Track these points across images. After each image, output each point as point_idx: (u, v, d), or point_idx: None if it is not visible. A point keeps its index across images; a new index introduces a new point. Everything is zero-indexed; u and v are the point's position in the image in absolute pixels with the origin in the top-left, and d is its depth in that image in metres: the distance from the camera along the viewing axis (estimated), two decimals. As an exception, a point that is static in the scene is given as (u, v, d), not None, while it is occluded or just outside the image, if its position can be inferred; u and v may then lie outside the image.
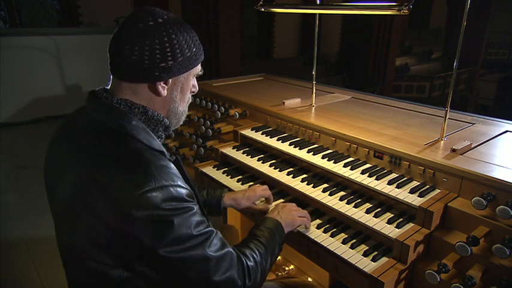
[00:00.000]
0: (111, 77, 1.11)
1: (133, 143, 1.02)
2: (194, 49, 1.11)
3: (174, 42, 1.05)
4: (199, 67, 1.18)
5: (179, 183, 1.00)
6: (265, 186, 1.64)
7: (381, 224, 1.40)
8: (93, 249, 0.97)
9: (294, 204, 1.51)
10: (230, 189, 1.75)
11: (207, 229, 1.04)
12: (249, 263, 1.13)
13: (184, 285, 1.04)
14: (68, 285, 1.16)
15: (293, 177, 1.75)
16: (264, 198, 1.65)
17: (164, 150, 1.10)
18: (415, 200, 1.41)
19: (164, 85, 1.09)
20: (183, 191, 1.00)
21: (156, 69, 1.04)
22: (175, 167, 1.07)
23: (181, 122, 1.25)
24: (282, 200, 1.70)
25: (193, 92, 1.23)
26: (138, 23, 1.04)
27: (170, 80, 1.09)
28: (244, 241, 1.26)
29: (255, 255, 1.17)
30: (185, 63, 1.09)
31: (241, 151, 2.04)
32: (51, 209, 1.13)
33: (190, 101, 1.24)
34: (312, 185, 1.67)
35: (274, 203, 1.63)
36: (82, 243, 0.99)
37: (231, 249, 1.10)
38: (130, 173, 0.95)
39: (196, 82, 1.23)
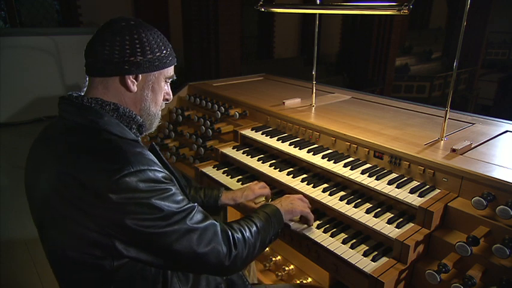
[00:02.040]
0: (86, 79, 1.16)
1: (106, 135, 1.06)
2: (164, 51, 1.16)
3: (144, 40, 1.11)
4: (171, 70, 1.21)
5: (156, 168, 1.03)
6: (263, 183, 1.65)
7: (381, 224, 1.40)
8: (79, 244, 0.99)
9: (300, 195, 1.51)
10: (228, 188, 1.76)
11: (188, 205, 1.08)
12: (234, 234, 1.16)
13: (173, 260, 1.06)
14: (60, 286, 1.17)
15: (293, 177, 1.75)
16: (263, 198, 1.65)
17: (139, 139, 1.14)
18: (415, 200, 1.41)
19: (134, 80, 1.13)
20: (160, 174, 1.04)
21: (125, 63, 1.09)
22: (151, 154, 1.09)
23: (155, 127, 1.27)
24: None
25: (167, 99, 1.26)
26: (110, 25, 1.11)
27: (140, 76, 1.13)
28: (237, 220, 1.29)
29: (243, 230, 1.20)
30: (155, 61, 1.13)
31: (241, 151, 2.04)
32: (32, 216, 1.14)
33: (163, 106, 1.27)
34: (312, 185, 1.67)
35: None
36: (68, 240, 1.01)
37: (213, 221, 1.13)
38: (105, 161, 0.98)
39: (170, 89, 1.26)
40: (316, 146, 1.90)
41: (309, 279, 2.00)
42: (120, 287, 1.06)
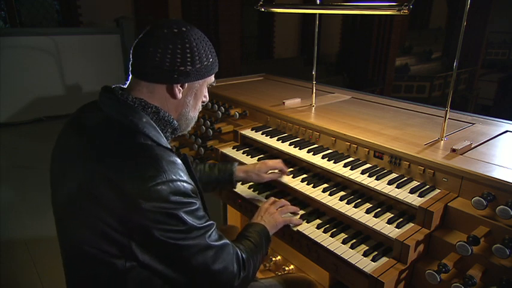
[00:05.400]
0: (130, 76, 1.17)
1: (143, 138, 1.06)
2: (211, 59, 1.20)
3: (195, 49, 1.13)
4: (213, 77, 1.26)
5: (185, 178, 1.05)
6: (278, 160, 1.73)
7: (381, 224, 1.40)
8: (98, 240, 1.00)
9: (276, 203, 1.55)
10: (241, 163, 1.82)
11: (208, 222, 1.10)
12: (243, 255, 1.20)
13: (185, 274, 1.07)
14: (67, 280, 1.17)
15: (293, 177, 1.75)
16: (277, 171, 1.72)
17: (171, 147, 1.15)
18: (415, 200, 1.41)
19: (180, 88, 1.16)
20: (189, 186, 1.05)
21: (175, 72, 1.11)
22: (182, 164, 1.11)
23: (189, 129, 1.31)
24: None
25: (204, 101, 1.30)
26: (163, 29, 1.11)
27: (186, 84, 1.16)
28: (236, 240, 1.31)
29: (248, 250, 1.24)
30: (202, 71, 1.17)
31: (241, 151, 2.04)
32: (53, 203, 1.15)
33: (200, 109, 1.30)
34: (312, 185, 1.67)
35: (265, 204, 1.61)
36: (87, 235, 1.02)
37: (227, 241, 1.16)
38: (140, 166, 0.99)
39: (207, 92, 1.29)
40: (316, 146, 1.90)
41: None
42: None
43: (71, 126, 1.17)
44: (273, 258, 2.15)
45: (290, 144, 1.92)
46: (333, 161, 1.72)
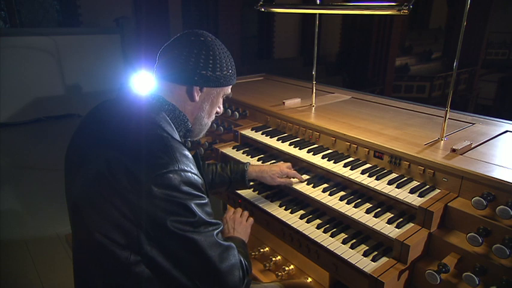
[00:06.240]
0: (153, 77, 1.23)
1: (159, 130, 1.09)
2: (231, 71, 1.27)
3: (217, 58, 1.21)
4: (229, 89, 1.31)
5: (196, 172, 1.07)
6: (289, 164, 1.76)
7: (381, 224, 1.40)
8: (110, 228, 1.01)
9: (236, 211, 1.55)
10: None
11: (216, 221, 1.11)
12: (245, 262, 1.19)
13: (190, 272, 1.07)
14: (75, 268, 1.18)
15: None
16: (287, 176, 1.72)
17: (184, 143, 1.19)
18: (415, 200, 1.41)
19: (199, 91, 1.22)
20: (200, 180, 1.07)
21: (196, 74, 1.18)
22: (193, 159, 1.13)
23: (202, 135, 1.34)
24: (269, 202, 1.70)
25: (218, 112, 1.34)
26: (190, 36, 1.20)
27: (205, 89, 1.22)
28: None
29: (243, 257, 1.22)
30: (221, 79, 1.23)
31: (241, 151, 2.04)
32: (68, 191, 1.17)
33: (213, 118, 1.34)
34: (312, 185, 1.67)
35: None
36: (102, 223, 1.03)
37: (233, 244, 1.16)
38: (154, 154, 1.02)
39: (222, 104, 1.34)
40: (316, 146, 1.90)
41: (309, 279, 2.00)
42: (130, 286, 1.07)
43: (88, 119, 1.21)
44: (273, 258, 2.15)
45: (290, 144, 1.92)
46: (333, 161, 1.72)
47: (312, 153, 1.81)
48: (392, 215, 1.44)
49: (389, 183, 1.53)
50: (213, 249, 1.06)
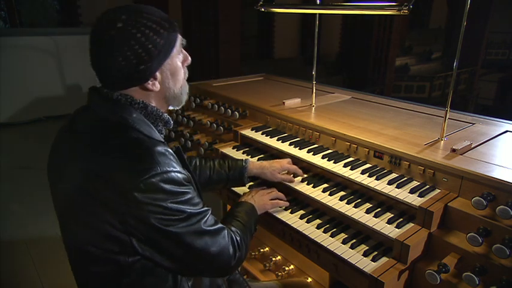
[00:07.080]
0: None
1: (134, 133, 1.07)
2: (165, 32, 1.08)
3: (142, 40, 1.03)
4: (178, 42, 1.15)
5: (178, 169, 1.06)
6: (289, 160, 1.77)
7: (381, 224, 1.40)
8: (100, 239, 1.01)
9: (266, 189, 1.63)
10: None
11: (203, 208, 1.12)
12: (237, 237, 1.23)
13: (185, 260, 1.10)
14: (76, 278, 1.20)
15: (293, 177, 1.75)
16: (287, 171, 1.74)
17: (163, 141, 1.15)
18: (415, 200, 1.41)
19: (154, 81, 1.11)
20: (182, 176, 1.06)
21: (137, 73, 1.06)
22: (174, 154, 1.12)
23: (184, 101, 1.26)
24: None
25: (188, 63, 1.22)
26: (102, 35, 1.04)
27: (157, 73, 1.11)
28: (226, 220, 1.35)
29: (238, 232, 1.28)
30: (162, 53, 1.08)
31: (241, 151, 2.04)
32: (54, 206, 1.15)
33: (187, 74, 1.24)
34: (312, 185, 1.67)
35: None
36: (90, 235, 1.03)
37: (222, 225, 1.19)
38: (133, 160, 1.00)
39: (185, 52, 1.20)
40: (316, 146, 1.90)
41: (309, 279, 2.00)
42: (134, 281, 1.08)
43: (66, 128, 1.18)
44: (273, 258, 2.15)
45: (290, 144, 1.92)
46: (333, 161, 1.72)
47: (312, 153, 1.81)
48: (392, 215, 1.44)
49: (390, 183, 1.52)
50: (203, 238, 1.08)
